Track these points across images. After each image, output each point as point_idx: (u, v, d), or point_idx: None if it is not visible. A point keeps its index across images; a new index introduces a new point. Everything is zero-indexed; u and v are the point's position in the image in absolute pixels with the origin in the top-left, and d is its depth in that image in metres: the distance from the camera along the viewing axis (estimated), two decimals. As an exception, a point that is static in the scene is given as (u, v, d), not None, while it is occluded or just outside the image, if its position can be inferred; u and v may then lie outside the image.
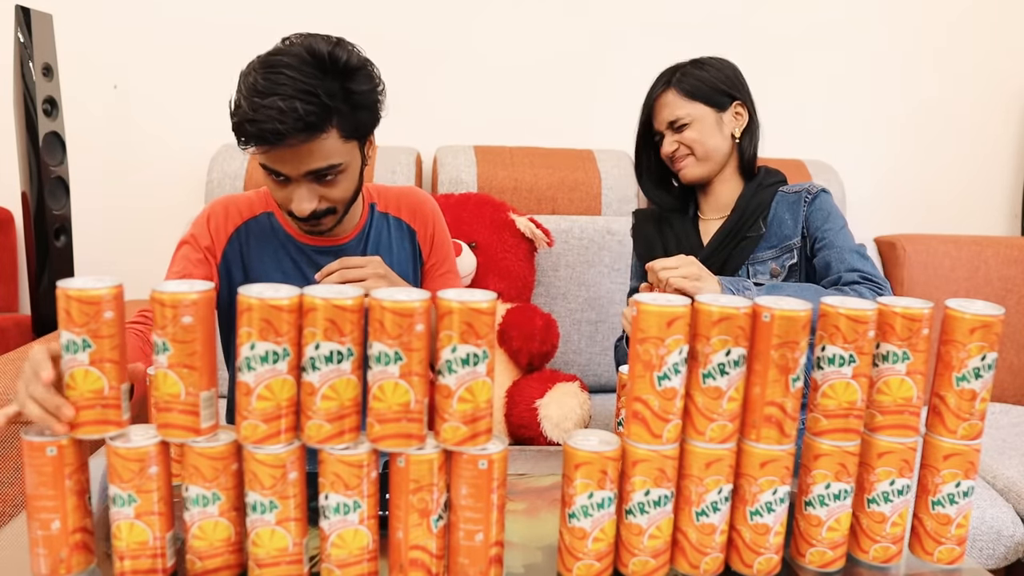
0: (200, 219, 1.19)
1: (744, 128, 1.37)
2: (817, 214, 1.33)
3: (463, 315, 0.71)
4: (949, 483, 0.81)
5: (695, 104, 1.34)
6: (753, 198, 1.36)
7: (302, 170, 1.03)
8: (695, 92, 1.34)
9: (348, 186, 1.09)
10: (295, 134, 0.98)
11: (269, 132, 0.97)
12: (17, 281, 2.20)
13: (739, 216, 1.35)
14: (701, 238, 1.39)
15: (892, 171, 2.46)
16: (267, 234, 1.19)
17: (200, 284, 0.73)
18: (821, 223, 1.32)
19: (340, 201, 1.10)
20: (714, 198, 1.40)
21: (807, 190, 1.35)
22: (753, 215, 1.35)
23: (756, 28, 2.32)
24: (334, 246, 1.21)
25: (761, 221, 1.35)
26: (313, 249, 1.20)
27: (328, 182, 1.06)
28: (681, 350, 0.74)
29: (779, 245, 1.34)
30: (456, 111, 2.27)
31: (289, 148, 1.00)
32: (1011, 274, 2.14)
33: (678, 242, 1.39)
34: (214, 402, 0.75)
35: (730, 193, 1.39)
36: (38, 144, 1.87)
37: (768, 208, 1.35)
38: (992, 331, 0.77)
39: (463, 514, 0.74)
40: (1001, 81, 2.44)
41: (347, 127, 1.04)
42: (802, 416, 0.79)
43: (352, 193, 1.12)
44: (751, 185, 1.38)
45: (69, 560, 0.75)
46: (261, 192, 1.23)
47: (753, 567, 0.79)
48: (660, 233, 1.42)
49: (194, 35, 2.16)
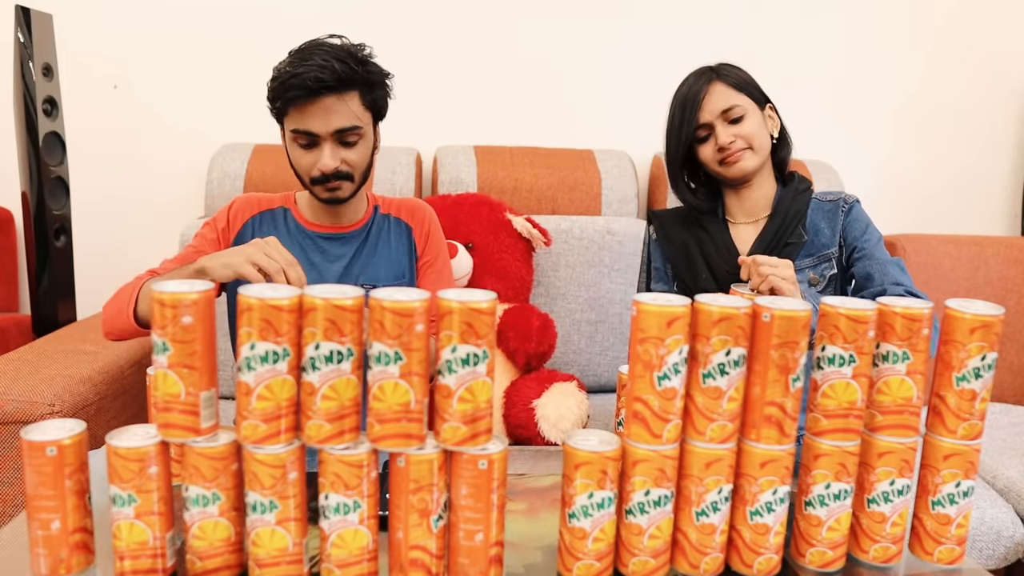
0: (224, 207, 1.36)
1: (778, 131, 1.36)
2: (855, 224, 1.34)
3: (463, 315, 0.71)
4: (949, 483, 0.81)
5: (744, 97, 1.32)
6: (793, 203, 1.35)
7: (330, 128, 1.20)
8: (742, 86, 1.32)
9: (364, 153, 1.25)
10: (332, 85, 1.17)
11: (311, 80, 1.16)
12: (17, 281, 2.20)
13: (780, 221, 1.34)
14: (733, 241, 1.37)
15: (892, 171, 2.46)
16: (280, 222, 1.34)
17: (200, 284, 0.73)
18: (860, 233, 1.33)
19: (357, 166, 1.25)
20: (748, 201, 1.37)
21: (843, 199, 1.35)
22: (793, 221, 1.34)
23: (756, 28, 2.32)
24: (340, 234, 1.34)
25: (801, 227, 1.33)
26: (319, 235, 1.33)
27: (349, 145, 1.23)
28: (681, 350, 0.74)
29: (816, 254, 1.33)
30: (456, 111, 2.27)
31: (322, 106, 1.18)
32: (1011, 274, 2.14)
33: (714, 245, 1.36)
34: (214, 402, 0.75)
35: (764, 196, 1.37)
36: (38, 144, 1.87)
37: (805, 215, 1.35)
38: (992, 331, 0.77)
39: (463, 514, 0.74)
40: (1001, 80, 2.44)
41: (367, 97, 1.23)
42: (801, 416, 0.79)
43: (366, 164, 1.27)
44: (788, 190, 1.36)
45: (69, 560, 0.75)
46: (284, 195, 1.39)
47: (753, 567, 0.79)
48: (692, 235, 1.39)
49: (194, 35, 2.16)
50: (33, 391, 1.39)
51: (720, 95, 1.31)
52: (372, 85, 1.24)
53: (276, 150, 1.93)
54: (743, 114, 1.31)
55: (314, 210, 1.35)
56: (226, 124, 2.16)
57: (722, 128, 1.31)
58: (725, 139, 1.30)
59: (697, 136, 1.33)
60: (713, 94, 1.31)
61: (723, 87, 1.31)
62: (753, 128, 1.31)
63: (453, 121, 2.27)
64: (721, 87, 1.31)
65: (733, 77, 1.32)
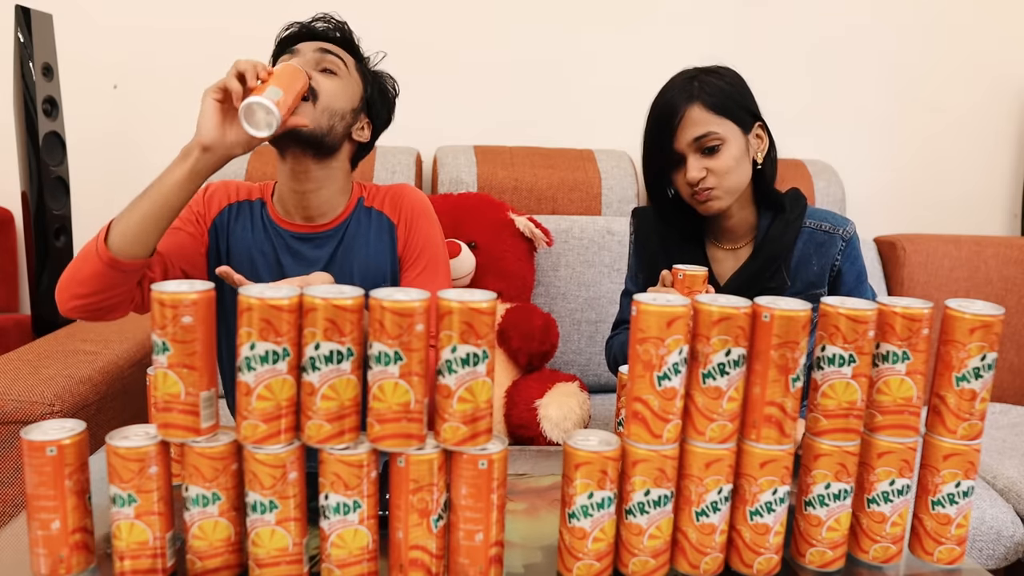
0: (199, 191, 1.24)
1: (765, 153, 1.24)
2: (850, 273, 1.26)
3: (463, 315, 0.71)
4: (949, 483, 0.81)
5: (724, 121, 1.18)
6: (781, 238, 1.24)
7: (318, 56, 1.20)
8: (723, 107, 1.19)
9: (342, 98, 1.20)
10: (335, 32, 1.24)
11: (318, 20, 1.23)
12: (17, 281, 2.20)
13: (763, 261, 1.24)
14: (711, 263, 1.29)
15: (892, 171, 2.46)
16: (255, 216, 1.26)
17: (200, 284, 0.73)
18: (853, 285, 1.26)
19: (328, 106, 1.17)
20: (728, 229, 1.28)
21: (841, 235, 1.25)
22: (776, 261, 1.23)
23: (756, 27, 2.32)
24: (312, 233, 1.24)
25: (785, 270, 1.23)
26: (291, 235, 1.24)
27: (330, 76, 1.19)
28: (681, 350, 0.74)
29: (803, 292, 1.24)
30: (456, 111, 2.27)
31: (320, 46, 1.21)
32: (1011, 274, 2.14)
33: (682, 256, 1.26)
34: (214, 402, 0.75)
35: (743, 221, 1.27)
36: (38, 144, 1.87)
37: (792, 249, 1.25)
38: (992, 331, 0.77)
39: (463, 514, 0.74)
40: (1001, 81, 2.44)
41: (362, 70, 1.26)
42: (801, 416, 0.79)
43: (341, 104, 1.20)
44: (779, 221, 1.25)
45: (69, 560, 0.75)
46: (262, 185, 1.30)
47: (753, 567, 0.79)
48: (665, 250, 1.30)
49: (194, 35, 2.16)
50: (33, 391, 1.39)
51: (696, 121, 1.18)
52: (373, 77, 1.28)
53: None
54: (719, 144, 1.18)
55: (288, 199, 1.23)
56: (226, 124, 2.15)
57: (694, 160, 1.18)
58: (695, 174, 1.18)
59: (671, 160, 1.22)
60: (688, 120, 1.18)
61: (701, 111, 1.18)
62: (728, 162, 1.18)
63: (453, 121, 2.27)
64: (699, 111, 1.18)
65: (715, 96, 1.18)
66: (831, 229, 1.27)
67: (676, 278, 1.12)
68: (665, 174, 1.24)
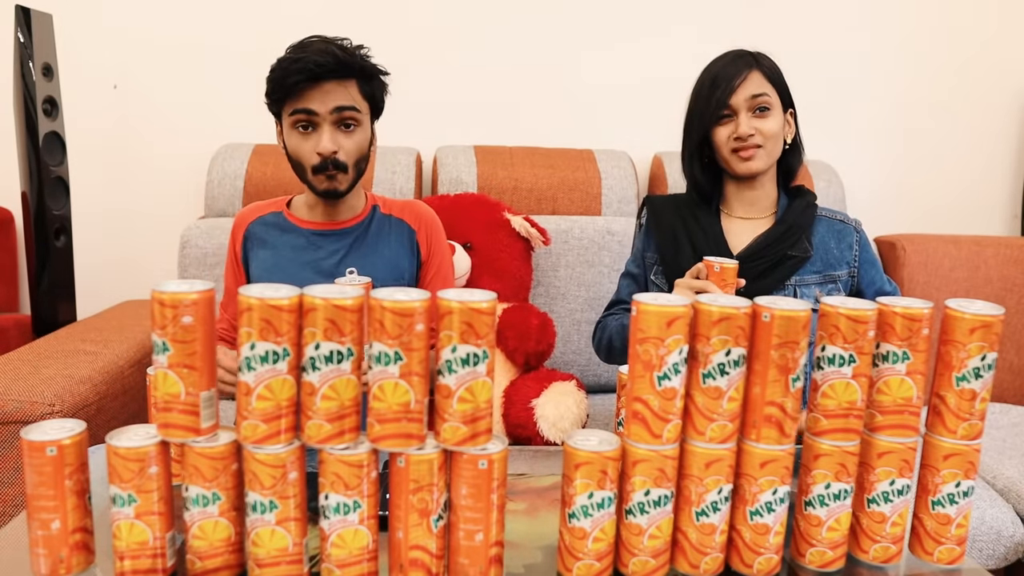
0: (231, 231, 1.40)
1: (792, 138, 1.35)
2: (867, 256, 1.36)
3: (463, 315, 0.71)
4: (949, 483, 0.81)
5: (775, 92, 1.31)
6: (801, 215, 1.33)
7: (330, 105, 1.23)
8: (776, 80, 1.31)
9: (361, 142, 1.28)
10: (333, 68, 1.21)
11: (312, 64, 1.20)
12: (17, 281, 2.20)
13: (785, 229, 1.32)
14: (724, 233, 1.35)
15: (892, 171, 2.45)
16: (274, 225, 1.37)
17: (200, 284, 0.73)
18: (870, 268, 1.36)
19: (353, 155, 1.27)
20: (748, 197, 1.36)
21: (854, 227, 1.37)
22: (799, 231, 1.32)
23: (755, 28, 2.32)
24: (335, 230, 1.35)
25: (807, 241, 1.32)
26: (314, 232, 1.34)
27: (347, 131, 1.26)
28: (681, 350, 0.74)
29: (824, 272, 1.33)
30: (456, 111, 2.27)
31: (322, 89, 1.22)
32: (1011, 274, 2.14)
33: (703, 234, 1.35)
34: (214, 402, 0.75)
35: (765, 196, 1.36)
36: (38, 144, 1.87)
37: (811, 229, 1.34)
38: (992, 331, 0.77)
39: (463, 514, 0.74)
40: (1001, 81, 2.44)
41: (365, 88, 1.27)
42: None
43: (362, 155, 1.29)
44: (800, 201, 1.35)
45: (69, 560, 0.75)
46: (278, 200, 1.41)
47: (753, 567, 0.79)
48: (683, 224, 1.37)
49: (194, 35, 2.16)
50: (33, 391, 1.39)
51: (756, 82, 1.29)
52: (370, 76, 1.28)
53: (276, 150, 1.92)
54: (770, 107, 1.29)
55: (310, 209, 1.36)
56: (226, 124, 2.16)
57: (745, 117, 1.28)
58: (745, 129, 1.28)
59: (719, 115, 1.30)
60: (749, 80, 1.29)
61: (759, 76, 1.29)
62: (774, 127, 1.29)
63: (453, 121, 2.27)
64: (758, 76, 1.29)
65: (772, 70, 1.31)
66: (845, 219, 1.38)
67: (712, 271, 1.18)
68: (709, 130, 1.32)
